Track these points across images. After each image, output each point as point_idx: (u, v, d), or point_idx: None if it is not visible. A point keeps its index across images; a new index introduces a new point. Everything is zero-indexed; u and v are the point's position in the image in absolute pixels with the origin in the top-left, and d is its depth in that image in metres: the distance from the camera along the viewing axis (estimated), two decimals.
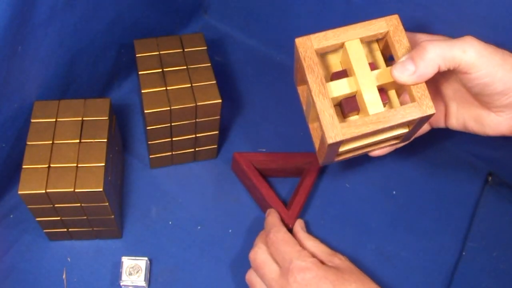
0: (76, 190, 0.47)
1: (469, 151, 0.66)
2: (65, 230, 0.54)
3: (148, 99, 0.53)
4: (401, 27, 0.45)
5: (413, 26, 0.57)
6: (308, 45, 0.44)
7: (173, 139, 0.58)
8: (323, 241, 0.55)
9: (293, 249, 0.50)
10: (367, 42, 0.47)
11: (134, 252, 0.55)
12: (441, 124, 0.51)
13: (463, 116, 0.49)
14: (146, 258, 0.54)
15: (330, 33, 0.44)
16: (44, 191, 0.46)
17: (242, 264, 0.56)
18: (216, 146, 0.62)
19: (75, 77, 0.59)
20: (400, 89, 0.47)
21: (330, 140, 0.42)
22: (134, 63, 0.58)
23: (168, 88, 0.54)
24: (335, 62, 0.48)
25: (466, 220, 0.62)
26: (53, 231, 0.54)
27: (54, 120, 0.51)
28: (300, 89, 0.51)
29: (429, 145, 0.66)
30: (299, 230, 0.56)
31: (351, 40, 0.44)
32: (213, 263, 0.56)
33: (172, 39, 0.59)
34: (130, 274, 0.53)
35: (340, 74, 0.46)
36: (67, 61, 0.56)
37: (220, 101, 0.54)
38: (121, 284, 0.53)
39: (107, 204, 0.50)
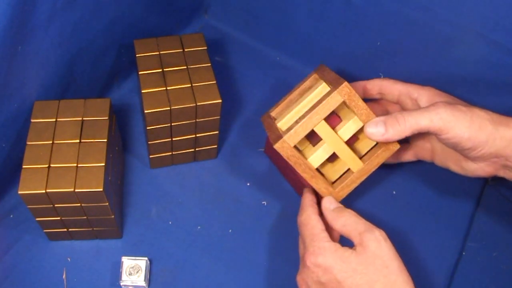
0: (76, 190, 0.47)
1: None
2: (65, 230, 0.54)
3: (148, 99, 0.53)
4: (353, 92, 0.50)
5: (413, 26, 0.57)
6: (286, 147, 0.50)
7: (173, 139, 0.58)
8: None
9: (309, 233, 0.49)
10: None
11: (134, 252, 0.55)
12: (427, 160, 0.59)
13: (446, 159, 0.56)
14: (146, 258, 0.54)
15: (299, 128, 0.50)
16: (44, 191, 0.46)
17: (242, 264, 0.56)
18: (216, 146, 0.62)
19: (75, 77, 0.59)
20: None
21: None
22: (134, 63, 0.58)
23: (168, 88, 0.54)
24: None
25: (466, 220, 0.62)
26: (53, 231, 0.54)
27: (54, 120, 0.51)
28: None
29: None
30: (326, 209, 0.52)
31: (318, 125, 0.50)
32: (213, 263, 0.56)
33: (172, 39, 0.59)
34: (130, 274, 0.53)
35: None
36: (67, 61, 0.56)
37: (220, 101, 0.54)
38: (121, 284, 0.53)
39: (107, 204, 0.50)
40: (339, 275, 0.45)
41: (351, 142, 0.54)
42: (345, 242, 0.48)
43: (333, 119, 0.53)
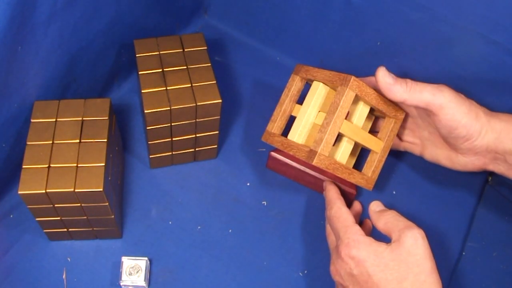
0: (76, 190, 0.47)
1: None
2: (65, 230, 0.54)
3: (148, 99, 0.53)
4: (361, 82, 0.52)
5: (413, 26, 0.57)
6: (323, 158, 0.51)
7: (173, 139, 0.58)
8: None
9: (342, 225, 0.50)
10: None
11: (134, 252, 0.55)
12: (416, 154, 0.60)
13: (436, 153, 0.57)
14: (146, 258, 0.54)
15: (328, 137, 0.51)
16: (44, 191, 0.46)
17: (242, 264, 0.56)
18: (216, 146, 0.62)
19: (75, 77, 0.59)
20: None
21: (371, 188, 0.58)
22: (134, 63, 0.58)
23: (168, 88, 0.54)
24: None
25: (466, 220, 0.62)
26: (53, 231, 0.54)
27: (54, 120, 0.51)
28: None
29: None
30: (372, 211, 0.52)
31: (343, 126, 0.52)
32: (213, 263, 0.56)
33: (172, 39, 0.59)
34: (130, 274, 0.53)
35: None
36: (67, 61, 0.56)
37: (220, 101, 0.54)
38: (121, 284, 0.53)
39: (107, 204, 0.50)
40: (371, 269, 0.45)
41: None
42: (384, 239, 0.48)
43: None
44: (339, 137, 0.55)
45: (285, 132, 0.58)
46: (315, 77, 0.55)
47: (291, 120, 0.58)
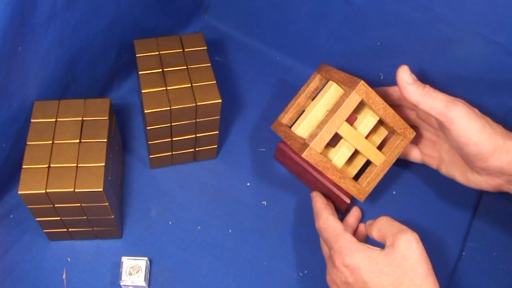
0: (76, 190, 0.47)
1: None
2: (65, 230, 0.54)
3: (148, 99, 0.53)
4: (369, 89, 0.51)
5: (413, 26, 0.57)
6: (314, 153, 0.51)
7: (173, 139, 0.58)
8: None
9: (332, 234, 0.49)
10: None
11: (134, 252, 0.55)
12: (433, 167, 0.59)
13: (452, 169, 0.56)
14: (146, 258, 0.54)
15: (324, 133, 0.51)
16: (44, 191, 0.46)
17: (242, 264, 0.56)
18: (216, 146, 0.62)
19: (75, 77, 0.59)
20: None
21: (362, 199, 0.56)
22: (134, 63, 0.58)
23: (168, 88, 0.54)
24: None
25: (466, 220, 0.62)
26: (53, 231, 0.54)
27: (54, 120, 0.51)
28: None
29: None
30: (365, 224, 0.53)
31: (341, 127, 0.51)
32: (213, 263, 0.56)
33: (172, 39, 0.59)
34: (130, 274, 0.53)
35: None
36: (67, 61, 0.56)
37: (220, 101, 0.54)
38: (121, 284, 0.53)
39: (107, 204, 0.50)
40: (366, 276, 0.45)
41: (366, 137, 0.55)
42: (380, 245, 0.48)
43: (350, 117, 0.53)
44: (340, 140, 0.55)
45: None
46: (331, 77, 0.55)
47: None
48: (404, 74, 0.50)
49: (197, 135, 0.59)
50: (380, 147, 0.57)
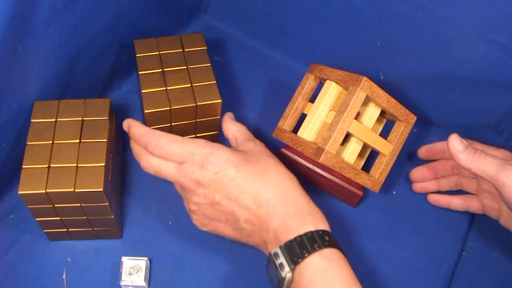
0: (76, 190, 0.47)
1: None
2: (65, 230, 0.54)
3: (148, 99, 0.53)
4: (372, 83, 0.52)
5: (413, 26, 0.57)
6: (330, 157, 0.52)
7: None
8: None
9: (182, 144, 0.48)
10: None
11: (134, 252, 0.55)
12: (493, 218, 0.59)
13: (510, 222, 0.57)
14: (146, 258, 0.54)
15: (337, 135, 0.51)
16: (44, 191, 0.46)
17: (242, 264, 0.56)
18: None
19: (75, 77, 0.59)
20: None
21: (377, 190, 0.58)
22: (134, 63, 0.58)
23: (168, 88, 0.54)
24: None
25: (466, 220, 0.62)
26: (53, 231, 0.54)
27: (54, 120, 0.51)
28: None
29: None
30: (226, 119, 0.57)
31: (352, 125, 0.52)
32: (213, 263, 0.56)
33: (172, 39, 0.59)
34: (130, 274, 0.53)
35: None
36: (67, 61, 0.56)
37: (220, 101, 0.54)
38: (121, 284, 0.53)
39: (107, 204, 0.50)
40: (231, 180, 0.48)
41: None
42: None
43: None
44: (348, 137, 0.55)
45: (296, 129, 0.58)
46: (328, 76, 0.55)
47: (302, 117, 0.58)
48: (455, 143, 0.52)
49: (197, 135, 0.59)
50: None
